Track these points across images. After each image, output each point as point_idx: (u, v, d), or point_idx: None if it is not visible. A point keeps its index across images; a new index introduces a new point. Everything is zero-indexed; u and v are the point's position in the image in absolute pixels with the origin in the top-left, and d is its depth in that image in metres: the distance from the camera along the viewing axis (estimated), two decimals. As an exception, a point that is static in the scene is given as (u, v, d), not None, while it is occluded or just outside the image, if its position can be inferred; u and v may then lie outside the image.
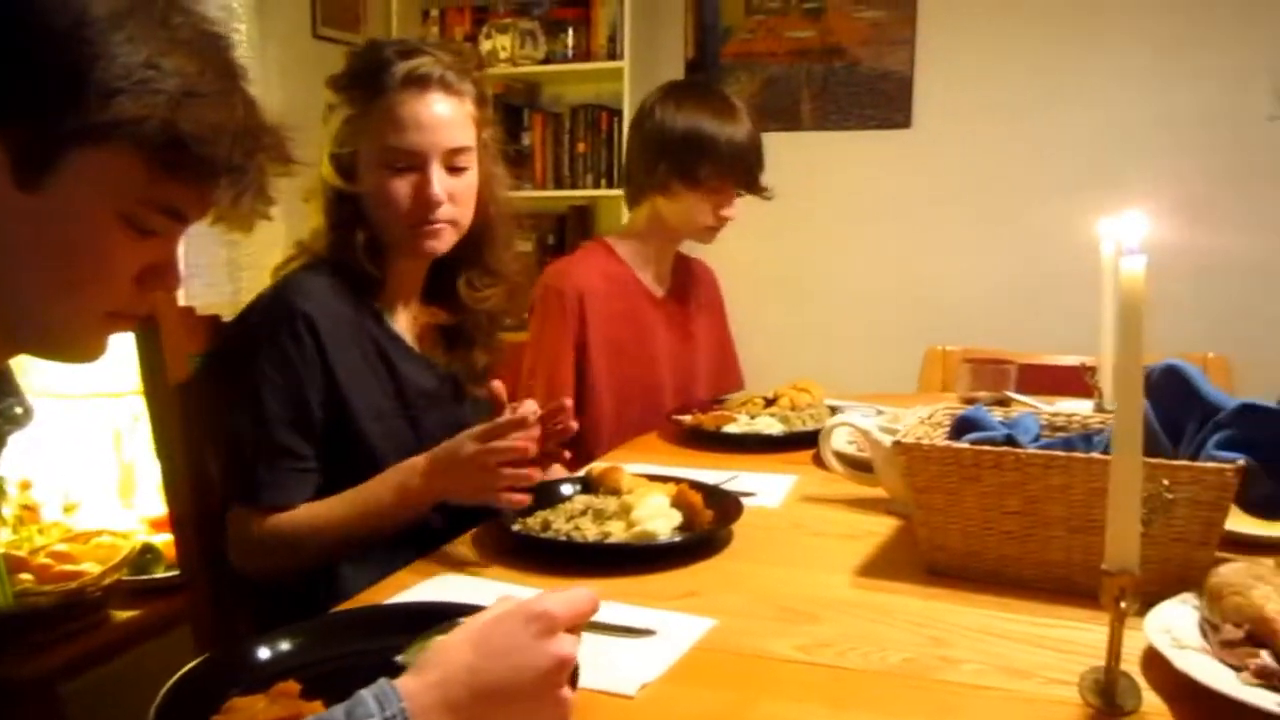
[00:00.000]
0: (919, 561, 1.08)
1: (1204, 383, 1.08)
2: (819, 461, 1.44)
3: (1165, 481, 0.85)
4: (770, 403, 1.80)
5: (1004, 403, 1.63)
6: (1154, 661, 0.83)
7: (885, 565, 1.10)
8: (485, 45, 3.23)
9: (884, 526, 1.23)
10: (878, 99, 3.14)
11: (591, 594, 0.74)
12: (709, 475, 1.39)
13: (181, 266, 0.79)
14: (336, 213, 1.30)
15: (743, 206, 1.91)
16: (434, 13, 3.42)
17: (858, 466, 1.36)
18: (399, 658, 0.77)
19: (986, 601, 0.99)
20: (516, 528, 1.16)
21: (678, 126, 1.80)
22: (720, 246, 1.98)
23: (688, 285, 2.02)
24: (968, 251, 3.14)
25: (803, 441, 1.61)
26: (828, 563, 1.10)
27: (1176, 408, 1.08)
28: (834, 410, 1.73)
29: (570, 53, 3.29)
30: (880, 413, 1.68)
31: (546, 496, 1.24)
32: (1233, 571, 0.86)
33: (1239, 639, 0.80)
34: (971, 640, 0.90)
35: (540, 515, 1.19)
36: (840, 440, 1.45)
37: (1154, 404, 1.09)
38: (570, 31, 3.28)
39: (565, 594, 0.72)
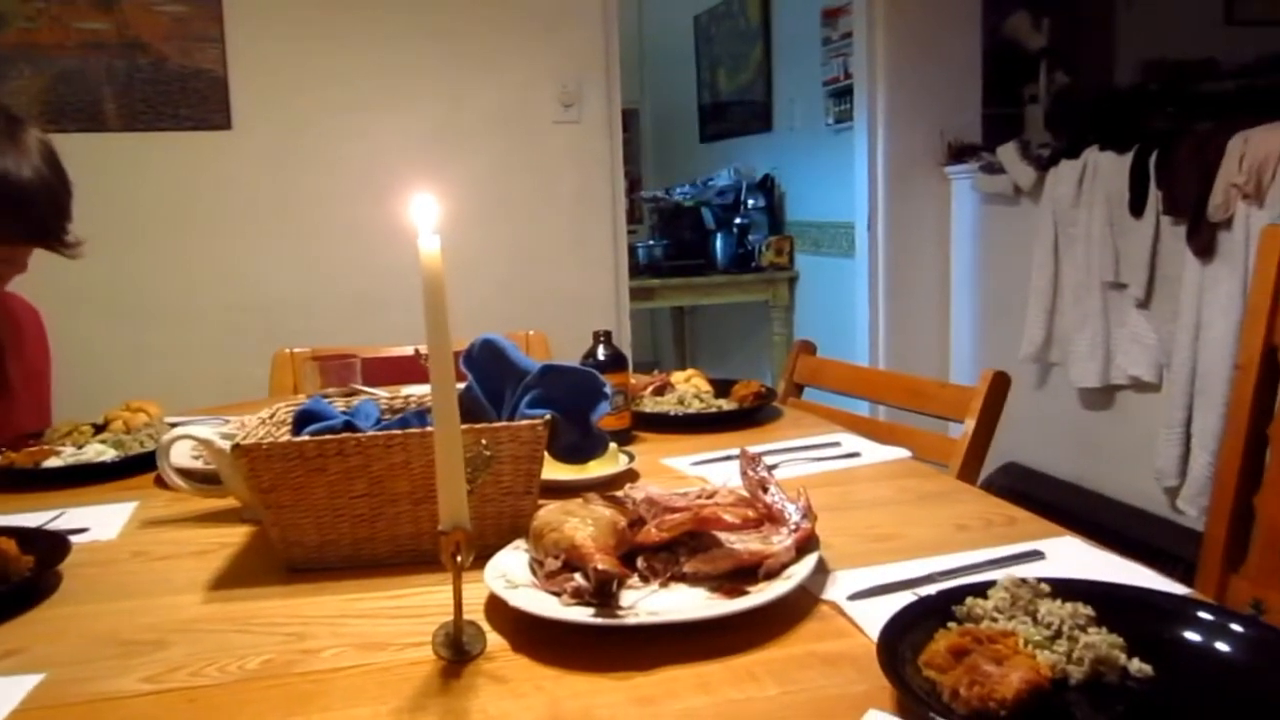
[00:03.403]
0: (277, 563, 1.07)
1: (514, 351, 1.21)
2: (162, 482, 1.33)
3: (484, 441, 0.94)
4: (100, 429, 1.63)
5: (353, 396, 1.66)
6: (495, 605, 0.91)
7: (242, 574, 1.07)
8: None
9: (239, 536, 1.19)
10: (192, 98, 2.98)
11: None
12: (29, 518, 1.23)
13: None
14: None
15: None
16: None
17: (205, 480, 1.29)
18: None
19: (345, 587, 1.01)
20: None
21: None
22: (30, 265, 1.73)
23: (4, 330, 1.75)
24: (305, 253, 3.14)
25: (143, 464, 1.48)
26: (177, 585, 1.04)
27: (495, 377, 1.20)
28: (175, 428, 1.61)
29: None
30: (227, 422, 1.61)
31: None
32: (548, 512, 0.98)
33: (558, 569, 0.92)
34: (331, 627, 0.91)
35: None
36: (183, 456, 1.37)
37: (476, 376, 1.20)
38: None
39: None
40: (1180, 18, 4.49)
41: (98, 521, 1.25)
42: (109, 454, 1.50)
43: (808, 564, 0.94)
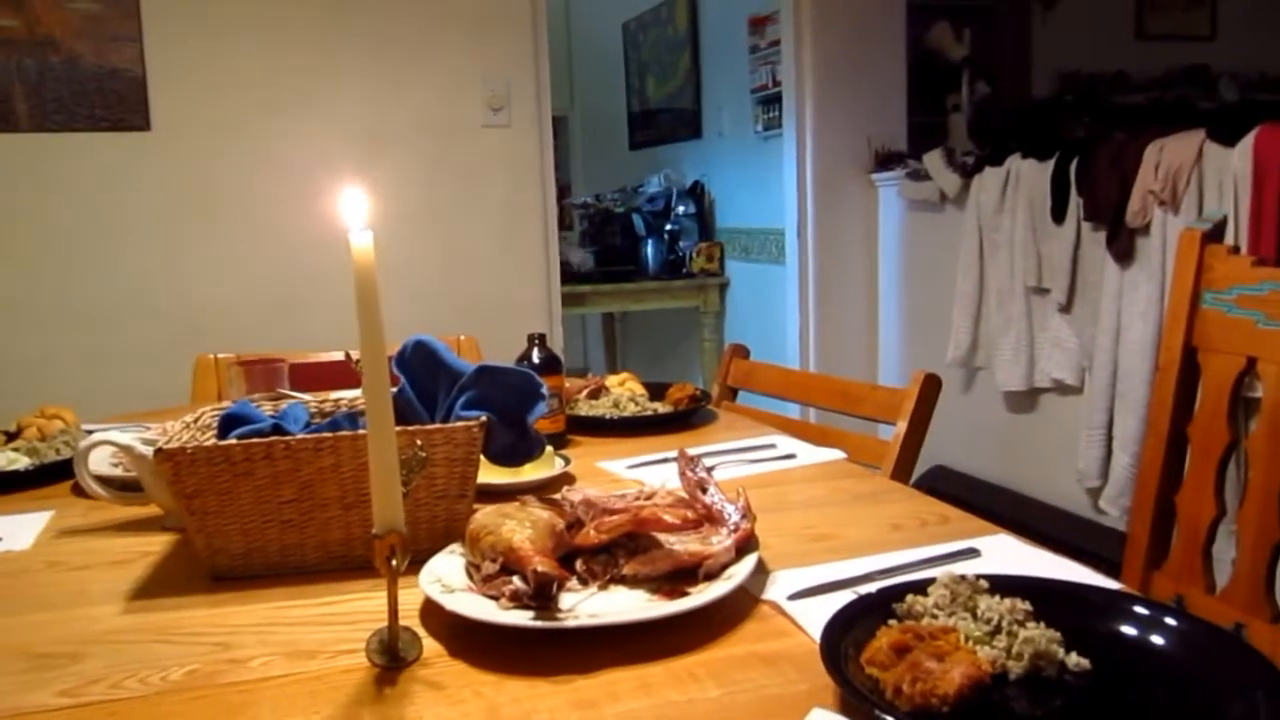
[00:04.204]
0: (200, 571, 1.03)
1: (448, 353, 1.19)
2: (79, 491, 1.29)
3: (419, 442, 0.92)
4: (13, 436, 1.56)
5: (280, 400, 1.62)
6: (430, 610, 0.89)
7: (164, 584, 1.03)
8: None
9: (160, 544, 1.14)
10: (109, 99, 2.88)
11: None
12: (-68, 530, 1.17)
13: None
14: None
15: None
16: None
17: (126, 488, 1.24)
18: None
19: (273, 595, 0.98)
20: None
21: None
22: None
23: None
24: (227, 257, 3.06)
25: (58, 473, 1.43)
26: (95, 596, 0.99)
27: (427, 379, 1.18)
28: (92, 435, 1.56)
29: None
30: (147, 429, 1.56)
31: None
32: (484, 515, 0.96)
33: (495, 572, 0.90)
34: (258, 636, 0.88)
35: None
36: (101, 463, 1.32)
37: (408, 378, 1.18)
38: None
39: None
40: (1093, 32, 4.63)
41: (10, 531, 1.19)
42: (22, 461, 1.44)
43: (747, 564, 0.94)
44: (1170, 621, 0.78)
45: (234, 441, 1.01)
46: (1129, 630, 0.79)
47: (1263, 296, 1.27)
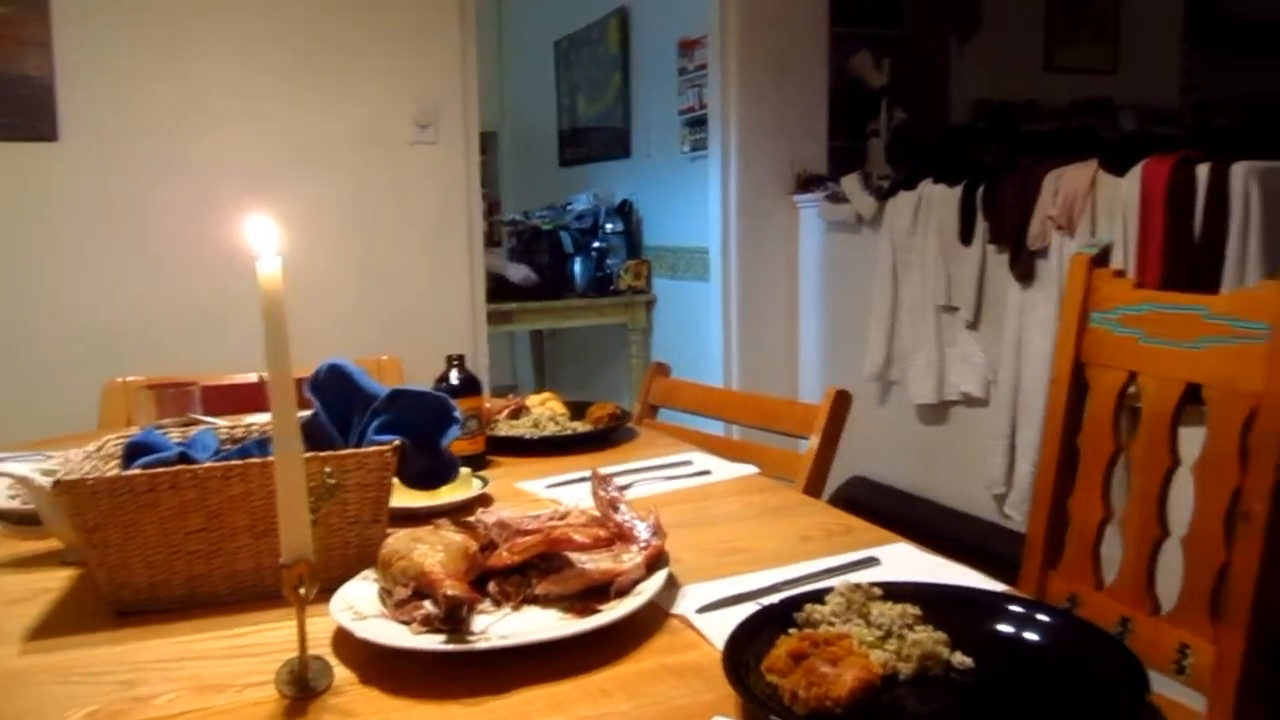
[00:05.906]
0: (103, 607, 1.01)
1: (362, 376, 1.19)
2: (-24, 524, 1.25)
3: (328, 469, 0.92)
4: (-91, 468, 1.51)
5: (191, 426, 1.59)
6: (343, 638, 0.89)
7: (65, 621, 1.00)
8: None
9: (61, 580, 1.11)
10: (15, 106, 2.79)
11: None
12: None
13: None
14: None
15: None
16: None
17: (24, 521, 1.22)
18: None
19: (180, 629, 0.96)
20: None
21: None
22: None
23: None
24: (140, 274, 2.97)
25: (-44, 505, 1.39)
26: (-9, 635, 0.97)
27: (341, 403, 1.17)
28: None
29: None
30: (49, 458, 1.52)
31: None
32: (397, 540, 0.97)
33: (407, 597, 0.91)
34: (164, 671, 0.87)
35: None
36: None
37: (322, 402, 1.18)
38: None
39: None
40: (1006, 63, 4.81)
41: (-96, 568, 1.16)
42: (-84, 494, 1.40)
43: (658, 580, 0.96)
44: (1044, 618, 0.84)
45: (138, 471, 1.00)
46: (1008, 629, 0.84)
47: (1142, 316, 1.34)
